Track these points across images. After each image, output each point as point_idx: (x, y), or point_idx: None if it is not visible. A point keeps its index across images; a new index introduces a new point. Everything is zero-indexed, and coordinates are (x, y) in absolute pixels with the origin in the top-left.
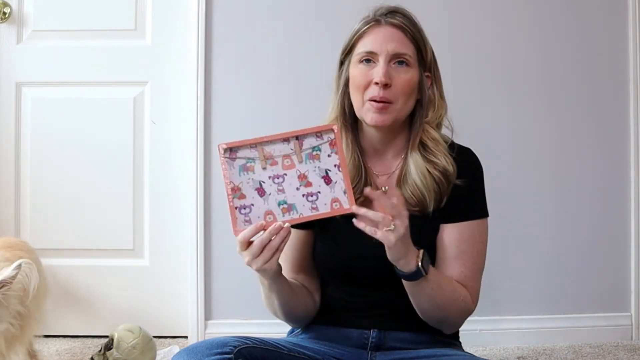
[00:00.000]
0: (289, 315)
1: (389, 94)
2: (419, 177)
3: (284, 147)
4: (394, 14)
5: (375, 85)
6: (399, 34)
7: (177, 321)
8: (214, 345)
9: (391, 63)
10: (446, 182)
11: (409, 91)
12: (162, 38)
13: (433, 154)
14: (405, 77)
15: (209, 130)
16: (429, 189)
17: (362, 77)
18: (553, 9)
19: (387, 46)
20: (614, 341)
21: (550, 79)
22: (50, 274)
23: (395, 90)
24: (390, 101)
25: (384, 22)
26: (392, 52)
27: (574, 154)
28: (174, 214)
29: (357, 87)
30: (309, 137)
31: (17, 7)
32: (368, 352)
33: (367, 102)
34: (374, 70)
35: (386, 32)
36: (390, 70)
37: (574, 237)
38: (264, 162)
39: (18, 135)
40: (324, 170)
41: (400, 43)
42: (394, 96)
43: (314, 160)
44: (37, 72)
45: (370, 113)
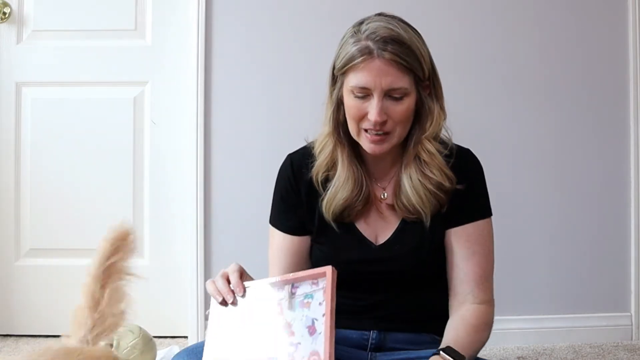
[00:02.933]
0: None
1: (385, 127)
2: (413, 192)
3: (278, 294)
4: (387, 44)
5: (369, 121)
6: (392, 69)
7: (177, 321)
8: None
9: (385, 97)
10: (443, 194)
11: (405, 119)
12: (162, 38)
13: (428, 167)
14: (402, 108)
15: (209, 130)
16: (423, 202)
17: (357, 109)
18: (553, 9)
19: (380, 82)
20: (614, 341)
21: (550, 79)
22: (51, 274)
23: (392, 122)
24: (387, 132)
25: (377, 55)
26: (386, 88)
27: (573, 154)
28: (174, 214)
29: (352, 117)
30: (303, 285)
31: (17, 7)
32: (368, 353)
33: (362, 131)
34: (368, 104)
35: (380, 67)
36: (385, 104)
37: (574, 237)
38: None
39: (18, 135)
40: (310, 320)
41: (395, 78)
42: (391, 128)
43: (303, 308)
44: (37, 72)
45: (366, 142)
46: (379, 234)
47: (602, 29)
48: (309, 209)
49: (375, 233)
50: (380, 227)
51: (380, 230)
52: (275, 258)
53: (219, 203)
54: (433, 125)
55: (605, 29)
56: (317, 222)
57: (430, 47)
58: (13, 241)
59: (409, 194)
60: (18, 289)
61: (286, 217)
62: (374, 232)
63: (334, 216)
